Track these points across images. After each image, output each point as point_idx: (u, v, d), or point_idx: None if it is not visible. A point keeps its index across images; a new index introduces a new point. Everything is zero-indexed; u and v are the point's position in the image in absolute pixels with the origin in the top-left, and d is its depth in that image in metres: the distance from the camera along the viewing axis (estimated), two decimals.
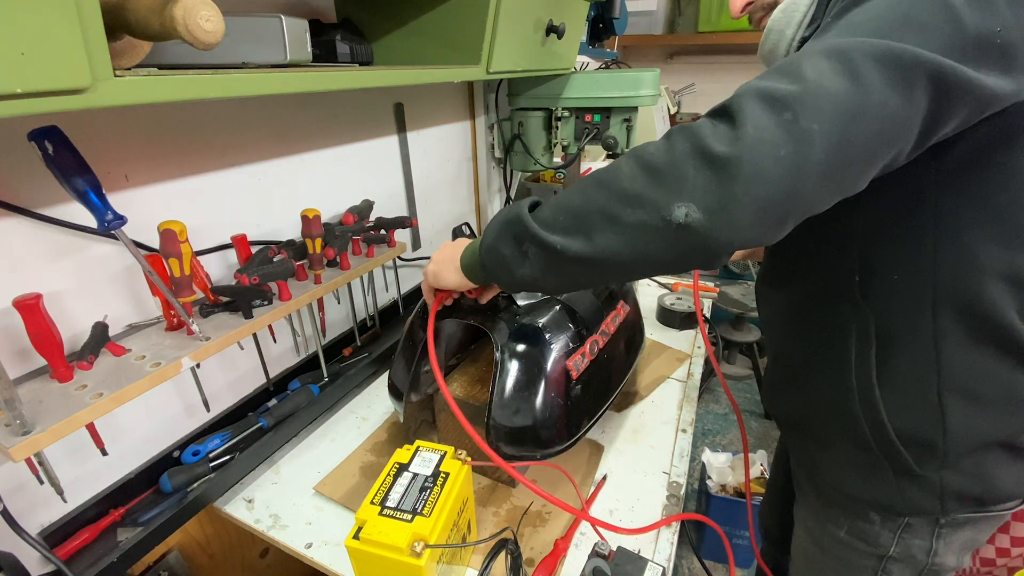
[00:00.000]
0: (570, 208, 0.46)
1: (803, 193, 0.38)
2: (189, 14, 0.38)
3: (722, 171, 0.38)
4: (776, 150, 0.37)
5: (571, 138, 1.42)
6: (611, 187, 0.44)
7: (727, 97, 0.41)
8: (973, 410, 0.55)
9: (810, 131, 0.36)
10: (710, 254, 0.41)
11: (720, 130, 0.39)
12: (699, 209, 0.38)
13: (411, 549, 0.53)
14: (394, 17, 0.95)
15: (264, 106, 0.86)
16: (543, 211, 0.49)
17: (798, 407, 0.69)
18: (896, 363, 0.56)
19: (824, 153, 0.37)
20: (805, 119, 0.37)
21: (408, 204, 1.28)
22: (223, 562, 0.86)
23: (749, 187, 0.37)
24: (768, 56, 0.63)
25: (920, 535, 0.62)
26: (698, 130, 0.40)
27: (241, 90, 0.49)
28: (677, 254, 0.42)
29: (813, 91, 0.37)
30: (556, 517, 0.76)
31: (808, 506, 0.74)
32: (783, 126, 0.37)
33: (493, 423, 0.69)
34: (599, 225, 0.44)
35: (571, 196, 0.47)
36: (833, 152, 0.37)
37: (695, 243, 0.40)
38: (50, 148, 0.52)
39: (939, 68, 0.37)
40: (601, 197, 0.44)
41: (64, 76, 0.34)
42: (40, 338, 0.57)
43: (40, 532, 0.66)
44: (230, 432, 0.83)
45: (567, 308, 0.79)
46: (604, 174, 0.46)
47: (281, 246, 0.86)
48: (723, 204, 0.38)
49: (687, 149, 0.40)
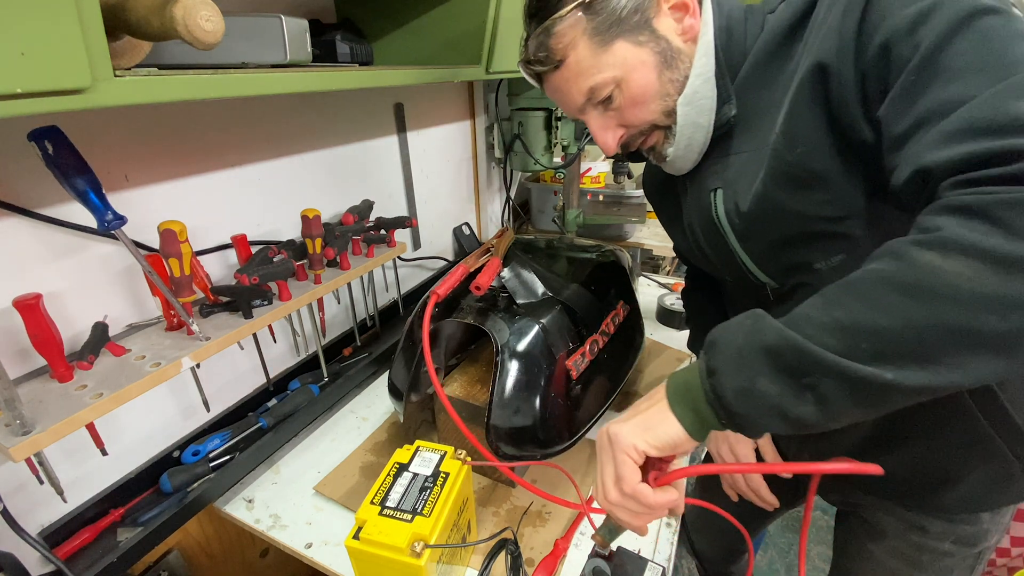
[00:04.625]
0: (875, 330, 0.36)
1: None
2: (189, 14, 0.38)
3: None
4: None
5: (571, 138, 1.42)
6: (943, 295, 0.35)
7: None
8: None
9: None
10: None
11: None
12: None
13: (411, 549, 0.53)
14: (394, 17, 0.95)
15: (264, 106, 0.86)
16: (814, 334, 0.39)
17: (905, 461, 0.62)
18: None
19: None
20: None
21: (408, 204, 1.28)
22: (223, 562, 0.85)
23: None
24: (684, 152, 0.61)
25: (1007, 512, 0.64)
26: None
27: (241, 90, 0.49)
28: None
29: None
30: (556, 517, 0.76)
31: (888, 540, 0.70)
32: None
33: (493, 423, 0.69)
34: (945, 346, 0.35)
35: (860, 313, 0.37)
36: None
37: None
38: (50, 148, 0.52)
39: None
40: (931, 310, 0.35)
41: (64, 76, 0.34)
42: (40, 338, 0.57)
43: (40, 532, 0.66)
44: (230, 432, 0.83)
45: (567, 308, 0.79)
46: (905, 279, 0.36)
47: (281, 246, 0.86)
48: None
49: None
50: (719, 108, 0.58)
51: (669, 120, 0.59)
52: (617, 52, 0.56)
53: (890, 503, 0.68)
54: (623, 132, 0.61)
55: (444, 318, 0.78)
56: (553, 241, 1.12)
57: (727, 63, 0.57)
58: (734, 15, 0.58)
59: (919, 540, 0.66)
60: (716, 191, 0.60)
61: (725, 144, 0.60)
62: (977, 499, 0.61)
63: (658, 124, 0.60)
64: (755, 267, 0.62)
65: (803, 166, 0.51)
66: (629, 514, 0.48)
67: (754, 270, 0.62)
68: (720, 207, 0.60)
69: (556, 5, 0.56)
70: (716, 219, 0.61)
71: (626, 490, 0.47)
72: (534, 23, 0.58)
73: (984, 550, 0.66)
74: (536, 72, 0.61)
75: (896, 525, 0.68)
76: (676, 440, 0.45)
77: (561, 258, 1.00)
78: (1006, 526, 0.67)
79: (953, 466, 0.60)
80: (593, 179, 1.85)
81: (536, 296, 0.80)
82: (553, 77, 0.59)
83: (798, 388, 0.39)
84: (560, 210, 1.57)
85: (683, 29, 0.57)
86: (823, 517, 1.76)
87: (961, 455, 0.59)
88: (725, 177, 0.60)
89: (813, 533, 1.71)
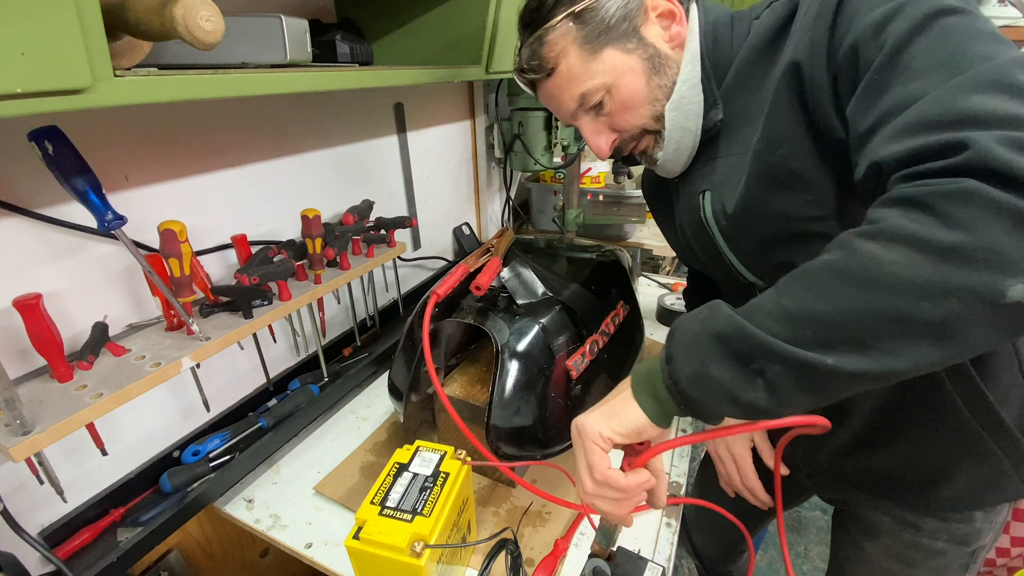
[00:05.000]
0: (818, 317, 0.37)
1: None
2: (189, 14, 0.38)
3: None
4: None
5: (571, 138, 1.42)
6: (881, 283, 0.35)
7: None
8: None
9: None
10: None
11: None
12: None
13: (411, 549, 0.53)
14: (394, 17, 0.95)
15: (264, 106, 0.86)
16: (763, 321, 0.40)
17: (895, 459, 0.63)
18: (992, 362, 0.55)
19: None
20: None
21: (408, 204, 1.28)
22: (223, 562, 0.85)
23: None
24: (674, 155, 0.62)
25: (1001, 511, 0.64)
26: (987, 195, 0.33)
27: (241, 90, 0.49)
28: (1014, 333, 0.35)
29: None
30: (556, 517, 0.76)
31: (882, 539, 0.71)
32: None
33: (493, 423, 0.69)
34: (883, 332, 0.35)
35: (805, 301, 0.38)
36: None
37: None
38: (50, 148, 0.52)
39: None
40: (869, 297, 0.36)
41: (64, 76, 0.34)
42: (40, 338, 0.57)
43: (40, 532, 0.66)
44: (230, 432, 0.83)
45: (567, 308, 0.79)
46: (848, 268, 0.37)
47: (281, 246, 0.86)
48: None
49: (988, 218, 0.33)
50: (706, 112, 0.59)
51: (658, 125, 0.61)
52: (606, 59, 0.58)
53: (883, 501, 0.68)
54: (615, 137, 0.63)
55: (444, 318, 0.78)
56: (553, 241, 1.12)
57: (713, 68, 0.59)
58: (720, 21, 0.59)
59: (913, 538, 0.67)
60: (704, 193, 0.62)
61: (713, 147, 0.61)
62: (969, 497, 0.61)
63: (648, 129, 0.62)
64: (742, 267, 0.63)
65: (784, 167, 0.52)
66: (608, 503, 0.49)
67: (742, 270, 0.63)
68: (708, 209, 0.62)
69: (547, 15, 0.58)
70: (704, 220, 0.62)
71: (598, 477, 0.48)
72: (527, 32, 0.61)
73: (978, 549, 0.66)
74: (530, 80, 0.63)
75: (890, 524, 0.69)
76: (639, 426, 0.46)
77: (561, 258, 1.00)
78: (1001, 525, 0.66)
79: (943, 464, 0.60)
80: (593, 179, 1.85)
81: (536, 296, 0.80)
82: (546, 84, 0.62)
83: (748, 374, 0.40)
84: (560, 210, 1.57)
85: (670, 36, 0.59)
86: (823, 517, 1.76)
87: (950, 453, 0.59)
88: (713, 180, 0.61)
89: (813, 533, 1.71)
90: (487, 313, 0.76)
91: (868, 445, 0.64)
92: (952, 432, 0.58)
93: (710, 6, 0.61)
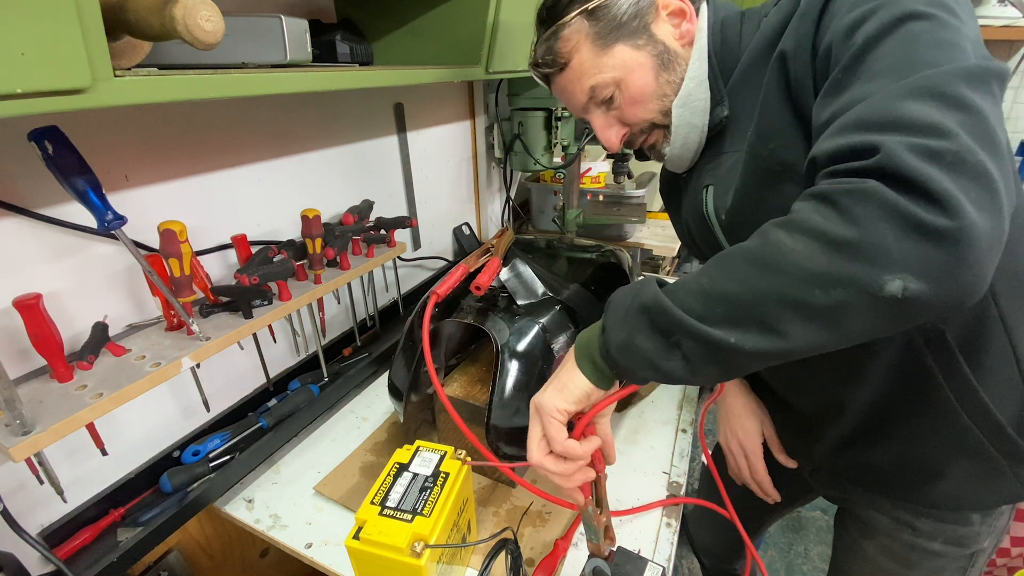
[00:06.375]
0: (727, 297, 0.41)
1: (1003, 240, 0.36)
2: (189, 14, 0.38)
3: (943, 240, 0.34)
4: (981, 205, 0.35)
5: (571, 138, 1.42)
6: (782, 269, 0.38)
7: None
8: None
9: (994, 180, 0.35)
10: (938, 316, 0.39)
11: (918, 196, 0.35)
12: (918, 279, 0.35)
13: (411, 549, 0.53)
14: (394, 17, 0.95)
15: (264, 106, 0.86)
16: (683, 297, 0.43)
17: (890, 454, 0.63)
18: (985, 360, 0.55)
19: (1006, 196, 0.36)
20: (989, 174, 0.35)
21: (408, 204, 1.28)
22: (223, 562, 0.85)
23: (971, 250, 0.34)
24: (681, 151, 0.64)
25: (1000, 516, 0.64)
26: (883, 197, 0.35)
27: (241, 90, 0.49)
28: (893, 325, 0.38)
29: (967, 141, 0.35)
30: (556, 517, 0.76)
31: (880, 538, 0.71)
32: (980, 182, 0.35)
33: (493, 423, 0.69)
34: (780, 314, 0.38)
35: (719, 281, 0.42)
36: (1010, 190, 0.37)
37: (917, 312, 0.36)
38: (50, 148, 0.52)
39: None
40: (771, 281, 0.39)
41: (64, 76, 0.34)
42: (40, 338, 0.57)
43: (40, 532, 0.66)
44: (230, 432, 0.83)
45: (567, 308, 0.79)
46: (757, 253, 0.40)
47: (281, 246, 0.86)
48: (949, 271, 0.35)
49: (879, 218, 0.35)
50: (712, 109, 0.61)
51: (667, 120, 0.62)
52: (617, 55, 0.60)
53: (880, 498, 0.68)
54: (625, 130, 0.65)
55: (444, 318, 0.78)
56: (553, 241, 1.12)
57: (720, 66, 0.60)
58: (729, 20, 0.61)
59: (909, 539, 0.67)
60: (708, 188, 0.63)
61: (719, 143, 0.63)
62: (964, 496, 0.62)
63: (657, 123, 0.63)
64: None
65: (776, 160, 0.53)
66: (561, 477, 0.53)
67: None
68: (710, 204, 0.63)
69: (562, 12, 0.60)
70: (706, 215, 0.64)
71: (558, 449, 0.52)
72: (543, 28, 0.63)
73: (977, 553, 0.66)
74: (544, 74, 0.65)
75: (887, 523, 0.69)
76: (586, 391, 0.51)
77: (561, 258, 1.00)
78: (1002, 530, 0.66)
79: (937, 460, 0.61)
80: (593, 179, 1.85)
81: (536, 296, 0.80)
82: (559, 78, 0.64)
83: (667, 345, 0.44)
84: (560, 210, 1.57)
85: (680, 34, 0.61)
86: (823, 517, 1.76)
87: (945, 450, 0.60)
88: (717, 175, 0.62)
89: (813, 533, 1.71)
90: (487, 313, 0.76)
91: (864, 440, 0.65)
92: (946, 429, 0.58)
93: (720, 5, 0.62)
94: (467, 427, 0.65)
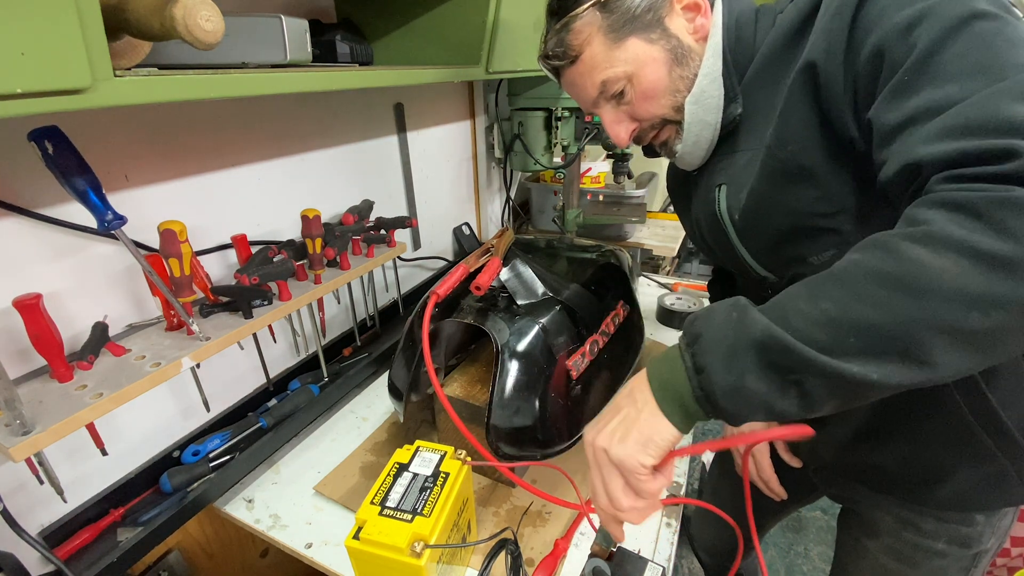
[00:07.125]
0: (862, 325, 0.36)
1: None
2: (189, 14, 0.38)
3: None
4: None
5: (571, 138, 1.42)
6: (932, 291, 0.34)
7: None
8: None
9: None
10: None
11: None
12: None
13: (411, 549, 0.53)
14: (394, 17, 0.95)
15: (264, 106, 0.86)
16: (803, 328, 0.38)
17: (896, 454, 0.62)
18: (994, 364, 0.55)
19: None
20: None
21: (408, 204, 1.28)
22: (223, 562, 0.85)
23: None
24: (693, 148, 0.63)
25: (1004, 517, 0.64)
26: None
27: (241, 90, 0.49)
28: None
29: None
30: (556, 517, 0.76)
31: (883, 538, 0.71)
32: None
33: (493, 423, 0.69)
34: (931, 343, 0.35)
35: (849, 308, 0.37)
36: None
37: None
38: (50, 148, 0.52)
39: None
40: (919, 306, 0.35)
41: (64, 76, 0.34)
42: (40, 338, 0.57)
43: (40, 532, 0.66)
44: (230, 432, 0.83)
45: (567, 308, 0.79)
46: (895, 274, 0.36)
47: (281, 246, 0.86)
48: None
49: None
50: (726, 107, 0.60)
51: (679, 116, 0.61)
52: (629, 48, 0.58)
53: (884, 497, 0.68)
54: (635, 126, 0.64)
55: (444, 318, 0.78)
56: (553, 241, 1.12)
57: (735, 63, 0.59)
58: (744, 16, 0.59)
59: (913, 538, 0.67)
60: (720, 187, 0.62)
61: (732, 141, 0.62)
62: (969, 497, 0.61)
63: (668, 119, 0.62)
64: (753, 261, 0.63)
65: (794, 163, 0.52)
66: (641, 514, 0.49)
67: (752, 264, 0.64)
68: (723, 203, 0.62)
69: (574, 4, 0.58)
70: (719, 214, 0.63)
71: (648, 499, 0.48)
72: (554, 20, 0.61)
73: (980, 553, 0.66)
74: (554, 67, 0.64)
75: (890, 523, 0.69)
76: (673, 441, 0.46)
77: (561, 258, 1.00)
78: (1006, 530, 0.66)
79: (942, 461, 0.60)
80: (593, 179, 1.85)
81: (536, 296, 0.80)
82: (569, 72, 0.62)
83: (784, 384, 0.39)
84: (560, 210, 1.57)
85: (694, 28, 0.59)
86: (823, 517, 1.76)
87: (950, 451, 0.59)
88: (730, 173, 0.61)
89: (813, 533, 1.71)
90: (487, 313, 0.76)
91: (870, 440, 0.64)
92: (952, 430, 0.58)
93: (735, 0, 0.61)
94: (467, 427, 0.65)
